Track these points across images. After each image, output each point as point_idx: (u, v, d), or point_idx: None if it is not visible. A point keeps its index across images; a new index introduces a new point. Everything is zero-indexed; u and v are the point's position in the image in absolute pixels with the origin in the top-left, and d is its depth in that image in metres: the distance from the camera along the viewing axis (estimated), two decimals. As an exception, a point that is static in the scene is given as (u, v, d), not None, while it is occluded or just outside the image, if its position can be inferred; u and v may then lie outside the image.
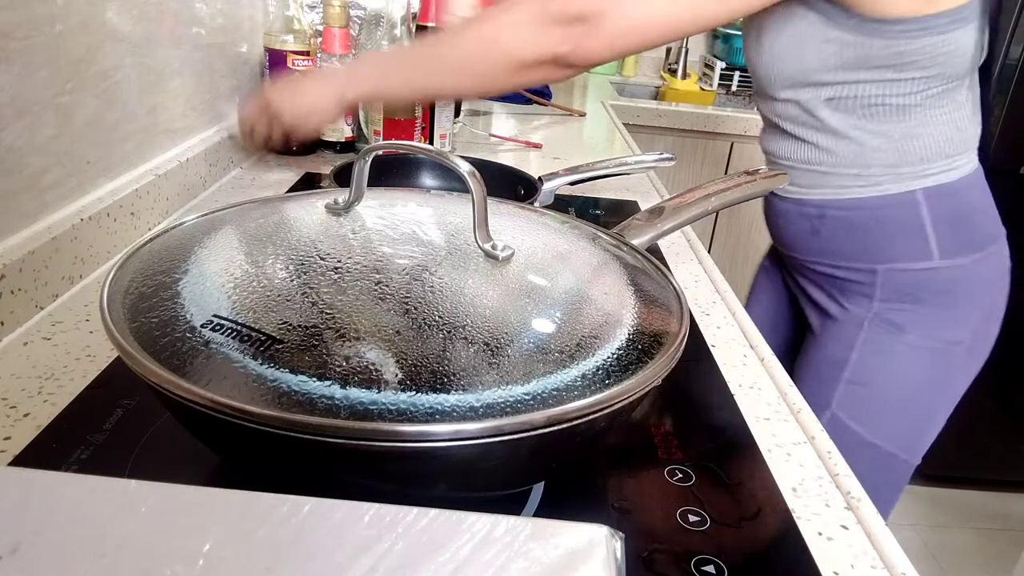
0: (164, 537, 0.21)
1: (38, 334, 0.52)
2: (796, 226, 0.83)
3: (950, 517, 1.84)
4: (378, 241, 0.40)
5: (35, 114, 0.55)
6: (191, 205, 0.80)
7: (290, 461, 0.31)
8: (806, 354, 0.87)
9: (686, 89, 2.12)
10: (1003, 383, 1.77)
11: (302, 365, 0.30)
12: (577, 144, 1.31)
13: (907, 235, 0.77)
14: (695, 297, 0.70)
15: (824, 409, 0.81)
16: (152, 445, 0.41)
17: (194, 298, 0.35)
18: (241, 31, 0.94)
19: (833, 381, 0.81)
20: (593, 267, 0.42)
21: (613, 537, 0.22)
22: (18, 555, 0.20)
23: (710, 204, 0.59)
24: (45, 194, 0.57)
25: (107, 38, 0.64)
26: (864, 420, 0.81)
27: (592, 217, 0.89)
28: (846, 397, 0.81)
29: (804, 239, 0.83)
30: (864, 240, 0.79)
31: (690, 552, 0.37)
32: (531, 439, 0.30)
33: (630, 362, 0.34)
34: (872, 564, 0.39)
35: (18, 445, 0.41)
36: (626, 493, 0.41)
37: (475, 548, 0.21)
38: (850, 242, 0.79)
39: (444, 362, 0.31)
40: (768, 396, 0.54)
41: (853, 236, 0.79)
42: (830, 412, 0.81)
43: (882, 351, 0.80)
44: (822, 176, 0.78)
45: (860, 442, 0.80)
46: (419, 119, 0.96)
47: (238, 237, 0.41)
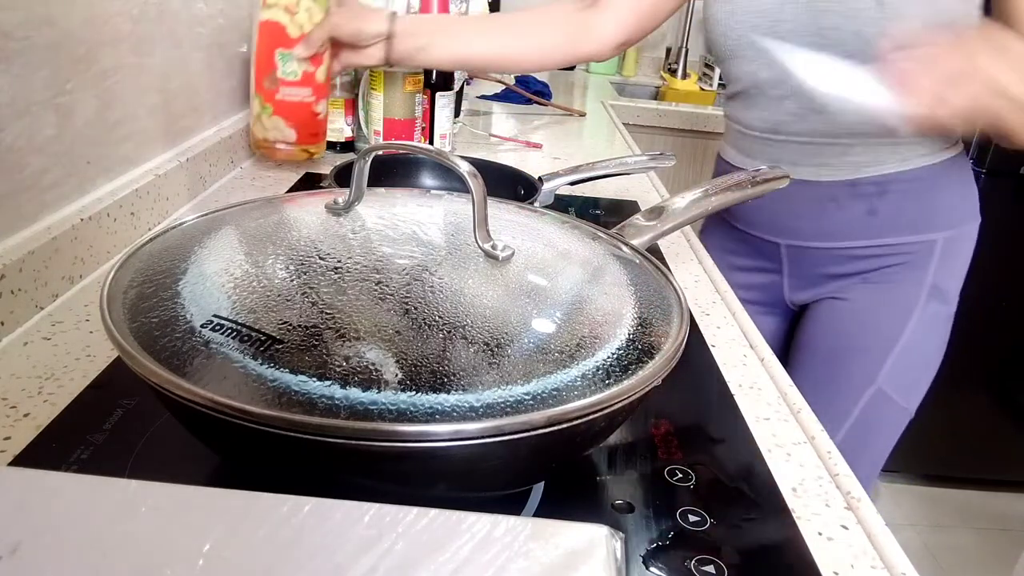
0: (164, 537, 0.21)
1: (38, 334, 0.52)
2: (849, 210, 0.81)
3: (950, 517, 1.84)
4: (378, 241, 0.40)
5: (35, 114, 0.55)
6: (191, 205, 0.80)
7: (290, 461, 0.31)
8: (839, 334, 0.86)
9: (686, 89, 2.12)
10: (1003, 383, 1.77)
11: (302, 365, 0.30)
12: (577, 144, 1.31)
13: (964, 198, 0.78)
14: (695, 297, 0.70)
15: (870, 383, 0.82)
16: (152, 445, 0.41)
17: (194, 298, 0.35)
18: (241, 31, 0.94)
19: (885, 353, 0.82)
20: (593, 267, 0.42)
21: (613, 537, 0.22)
22: (18, 555, 0.20)
23: (710, 204, 0.59)
24: (45, 194, 0.57)
25: (107, 38, 0.64)
26: (901, 387, 0.82)
27: (592, 217, 0.89)
28: (895, 367, 0.82)
29: (858, 222, 0.81)
30: (925, 210, 0.79)
31: (690, 552, 0.37)
32: (531, 439, 0.30)
33: (630, 362, 0.34)
34: (872, 564, 0.39)
35: (18, 445, 0.41)
36: (626, 493, 0.41)
37: (475, 548, 0.21)
38: (911, 215, 0.79)
39: (444, 362, 0.31)
40: (768, 396, 0.54)
41: (915, 208, 0.79)
42: (876, 384, 0.82)
43: (933, 319, 0.82)
44: (890, 148, 0.77)
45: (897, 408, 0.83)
46: (419, 119, 0.96)
47: (238, 237, 0.41)
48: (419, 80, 0.94)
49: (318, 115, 0.88)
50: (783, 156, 0.83)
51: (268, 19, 0.82)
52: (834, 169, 0.80)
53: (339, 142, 1.02)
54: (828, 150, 0.80)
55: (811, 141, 0.81)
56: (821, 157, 0.81)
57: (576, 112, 1.56)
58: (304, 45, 0.83)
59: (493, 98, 1.62)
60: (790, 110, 0.80)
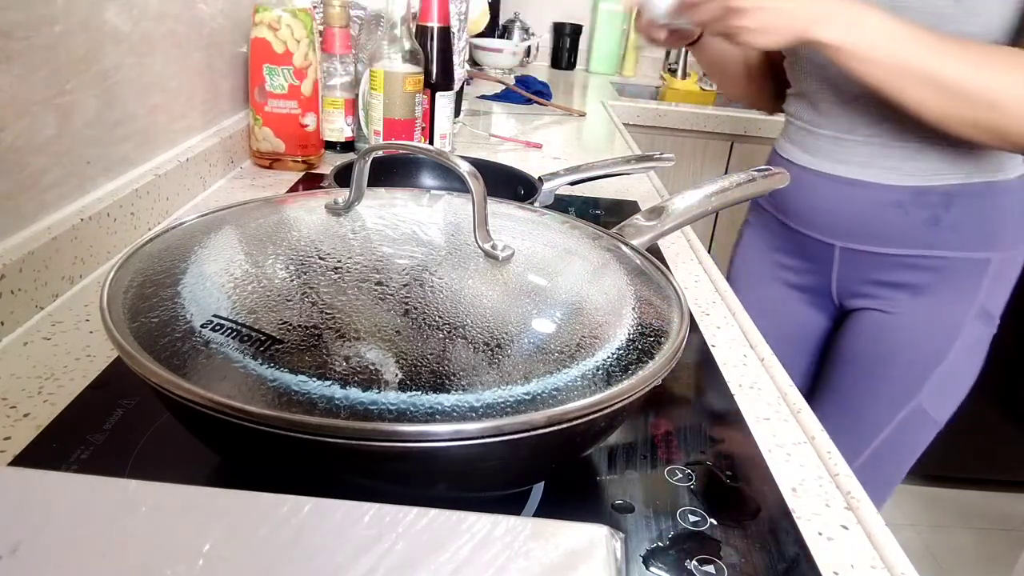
0: (164, 537, 0.21)
1: (38, 334, 0.52)
2: (911, 217, 0.80)
3: (950, 517, 1.84)
4: (378, 241, 0.40)
5: (35, 114, 0.55)
6: (191, 205, 0.80)
7: (290, 461, 0.31)
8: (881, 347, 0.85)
9: (686, 89, 2.12)
10: (1003, 383, 1.77)
11: (302, 365, 0.30)
12: (577, 144, 1.31)
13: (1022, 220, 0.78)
14: (695, 297, 0.70)
15: (910, 398, 0.82)
16: (152, 445, 0.41)
17: (194, 298, 0.35)
18: (241, 31, 0.94)
19: (928, 370, 0.82)
20: (593, 267, 0.42)
21: (613, 537, 0.22)
22: (18, 555, 0.20)
23: (710, 204, 0.59)
24: (45, 194, 0.57)
25: (107, 38, 0.64)
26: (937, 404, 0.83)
27: (592, 217, 0.89)
28: (935, 385, 0.82)
29: (917, 229, 0.80)
30: (987, 226, 0.78)
31: (690, 552, 0.37)
32: (531, 439, 0.30)
33: (630, 362, 0.34)
34: (872, 564, 0.39)
35: (18, 445, 0.41)
36: (626, 493, 0.41)
37: (475, 548, 0.21)
38: (970, 230, 0.78)
39: (444, 362, 0.31)
40: (768, 396, 0.54)
41: (974, 223, 0.78)
42: (916, 400, 0.82)
43: (978, 340, 0.82)
44: (951, 159, 0.76)
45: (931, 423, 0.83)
46: (419, 119, 0.96)
47: (238, 237, 0.41)
48: (419, 80, 0.94)
49: (306, 127, 0.92)
50: (853, 157, 0.82)
51: (256, 36, 0.88)
52: (903, 174, 0.80)
53: (339, 142, 1.02)
54: (899, 153, 0.79)
55: (884, 144, 0.80)
56: (892, 160, 0.80)
57: (576, 112, 1.56)
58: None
59: (493, 98, 1.62)
60: (863, 110, 0.79)
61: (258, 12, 0.86)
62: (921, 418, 0.83)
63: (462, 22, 1.19)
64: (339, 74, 0.98)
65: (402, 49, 0.91)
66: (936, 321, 0.82)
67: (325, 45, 0.97)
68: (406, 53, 0.91)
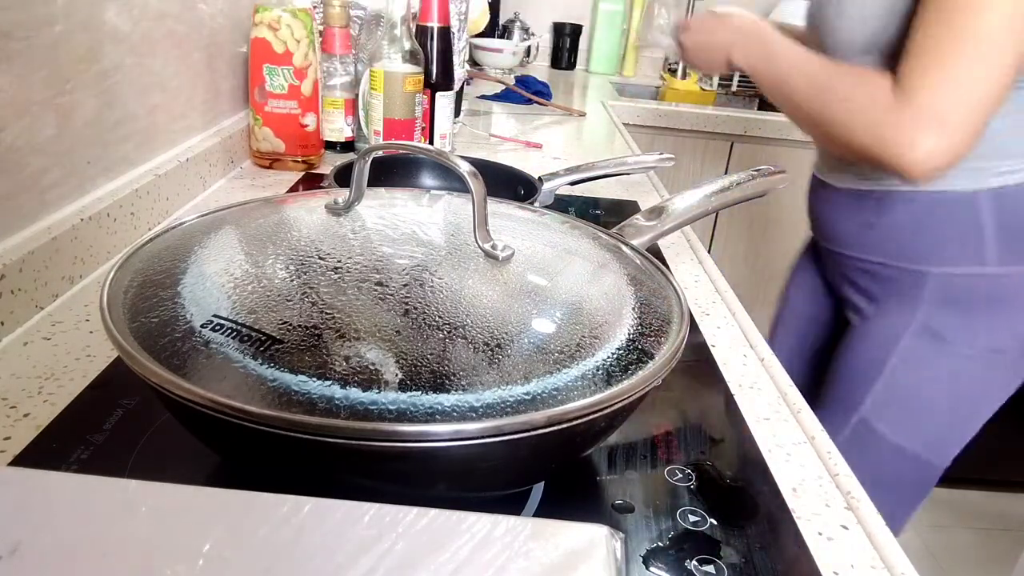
0: (164, 537, 0.21)
1: (38, 334, 0.52)
2: (851, 219, 0.81)
3: (950, 517, 1.84)
4: (378, 241, 0.40)
5: (35, 114, 0.55)
6: (191, 205, 0.80)
7: (290, 461, 0.31)
8: (842, 354, 0.86)
9: (686, 89, 2.11)
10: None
11: (302, 365, 0.30)
12: (577, 144, 1.31)
13: (965, 238, 0.74)
14: (695, 297, 0.70)
15: (854, 409, 0.81)
16: (152, 445, 0.41)
17: (194, 298, 0.35)
18: (241, 31, 0.94)
19: (869, 382, 0.81)
20: (593, 267, 0.42)
21: (613, 537, 0.22)
22: (18, 555, 0.20)
23: (710, 204, 0.59)
24: (45, 194, 0.57)
25: (107, 38, 0.64)
26: (892, 422, 0.80)
27: (592, 217, 0.89)
28: (879, 399, 0.80)
29: (856, 233, 0.81)
30: (919, 239, 0.76)
31: (690, 552, 0.37)
32: (531, 439, 0.30)
33: (630, 362, 0.34)
34: (872, 564, 0.39)
35: (18, 445, 0.41)
36: (626, 493, 0.41)
37: (475, 548, 0.21)
38: (904, 239, 0.77)
39: (444, 362, 0.31)
40: (768, 396, 0.54)
41: (908, 233, 0.77)
42: (859, 413, 0.81)
43: (922, 359, 0.78)
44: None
45: (885, 443, 0.80)
46: (419, 119, 0.96)
47: (238, 237, 0.41)
48: (419, 80, 0.94)
49: (305, 127, 0.92)
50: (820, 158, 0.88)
51: (256, 36, 0.88)
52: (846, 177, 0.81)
53: (339, 142, 1.02)
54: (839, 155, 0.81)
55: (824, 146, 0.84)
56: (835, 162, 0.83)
57: (576, 112, 1.56)
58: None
59: (493, 98, 1.62)
60: None
61: (258, 12, 0.86)
62: (868, 433, 0.80)
63: (462, 22, 1.19)
64: (339, 74, 0.98)
65: (402, 49, 0.91)
66: (874, 331, 0.81)
67: (325, 45, 0.97)
68: (406, 53, 0.91)
